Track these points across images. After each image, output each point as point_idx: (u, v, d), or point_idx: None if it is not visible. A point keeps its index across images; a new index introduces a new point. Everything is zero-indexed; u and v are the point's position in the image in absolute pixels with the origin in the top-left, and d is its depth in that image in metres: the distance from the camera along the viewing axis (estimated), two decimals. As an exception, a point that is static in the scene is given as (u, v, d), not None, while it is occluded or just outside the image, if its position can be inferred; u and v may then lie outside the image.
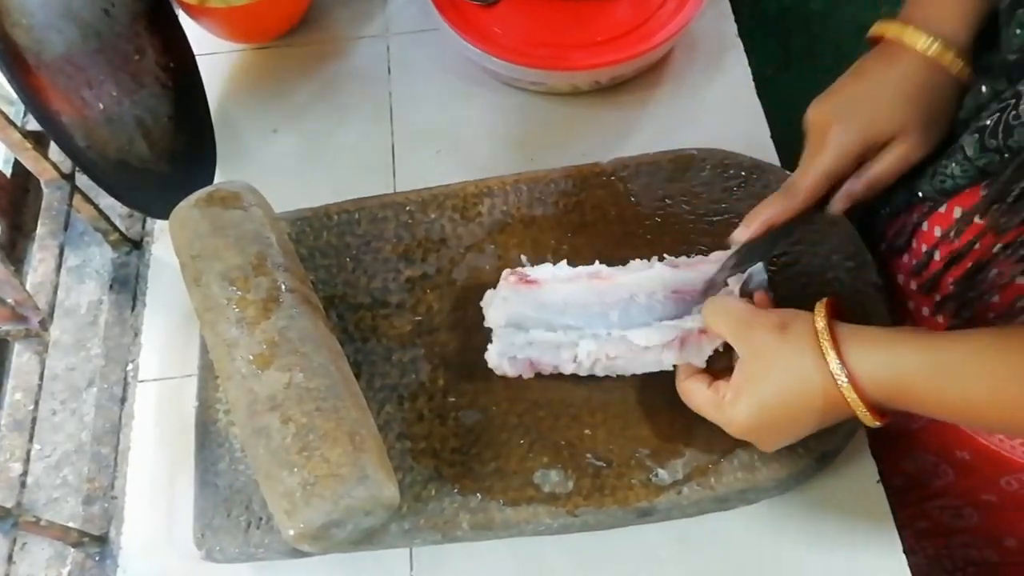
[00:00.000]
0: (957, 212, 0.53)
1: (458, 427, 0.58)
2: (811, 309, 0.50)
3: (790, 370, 0.47)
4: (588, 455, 0.56)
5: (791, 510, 0.57)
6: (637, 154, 0.69)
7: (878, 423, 0.47)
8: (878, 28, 0.54)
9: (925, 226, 0.56)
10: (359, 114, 0.78)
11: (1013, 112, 0.45)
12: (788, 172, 0.67)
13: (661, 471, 0.55)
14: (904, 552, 0.55)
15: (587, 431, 0.57)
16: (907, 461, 0.65)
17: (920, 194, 0.55)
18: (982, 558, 0.66)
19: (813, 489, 0.57)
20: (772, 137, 0.73)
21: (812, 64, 1.10)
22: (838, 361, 0.45)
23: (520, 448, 0.57)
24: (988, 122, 0.47)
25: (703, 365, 0.54)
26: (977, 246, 0.51)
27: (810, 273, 0.61)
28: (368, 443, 0.52)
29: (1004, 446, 0.56)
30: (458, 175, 0.70)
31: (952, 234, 0.53)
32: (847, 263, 0.61)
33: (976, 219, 0.51)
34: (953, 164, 0.51)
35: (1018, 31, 0.45)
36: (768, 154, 0.71)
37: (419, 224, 0.67)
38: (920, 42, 0.51)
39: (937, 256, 0.55)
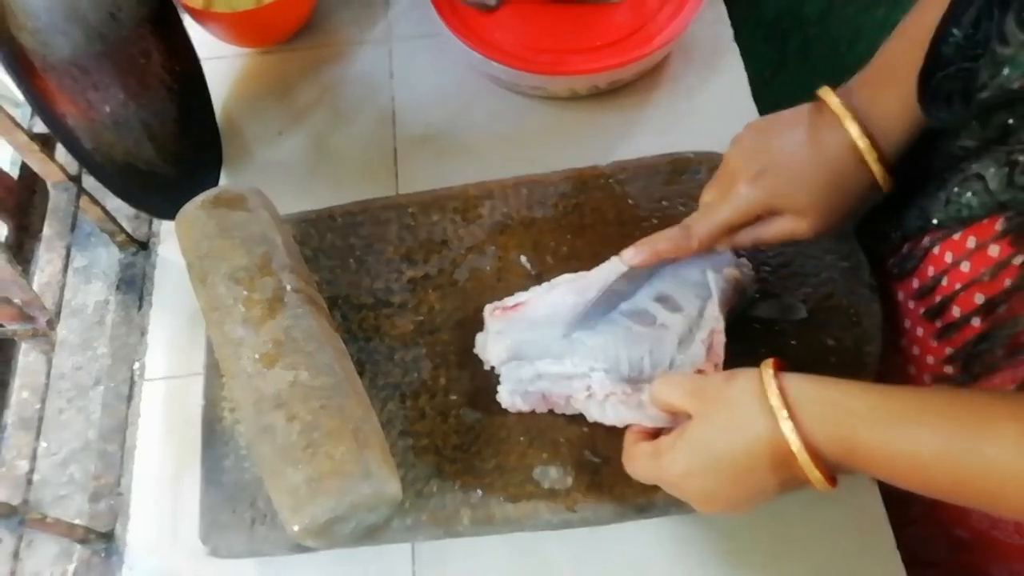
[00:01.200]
0: (971, 242, 0.51)
1: (459, 424, 0.59)
2: (811, 309, 0.51)
3: (735, 413, 0.45)
4: (587, 451, 0.57)
5: (790, 510, 0.58)
6: (635, 157, 0.70)
7: (829, 487, 0.44)
8: (825, 95, 0.53)
9: (936, 250, 0.54)
10: (362, 117, 0.79)
11: None
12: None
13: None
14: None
15: (585, 428, 0.58)
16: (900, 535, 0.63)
17: (935, 221, 0.53)
18: (929, 554, 0.65)
19: (812, 490, 0.58)
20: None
21: (808, 67, 1.11)
22: (778, 396, 0.43)
23: (520, 445, 0.58)
24: (1020, 158, 0.45)
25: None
26: (987, 278, 0.50)
27: (804, 274, 0.62)
28: (372, 440, 0.53)
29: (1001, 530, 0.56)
30: (459, 178, 0.70)
31: (965, 266, 0.51)
32: (841, 263, 0.62)
33: (991, 251, 0.49)
34: (970, 194, 0.49)
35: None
36: (764, 157, 0.72)
37: (421, 226, 0.68)
38: (854, 132, 0.51)
39: (945, 282, 0.54)
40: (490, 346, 0.59)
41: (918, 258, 0.56)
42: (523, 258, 0.65)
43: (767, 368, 0.45)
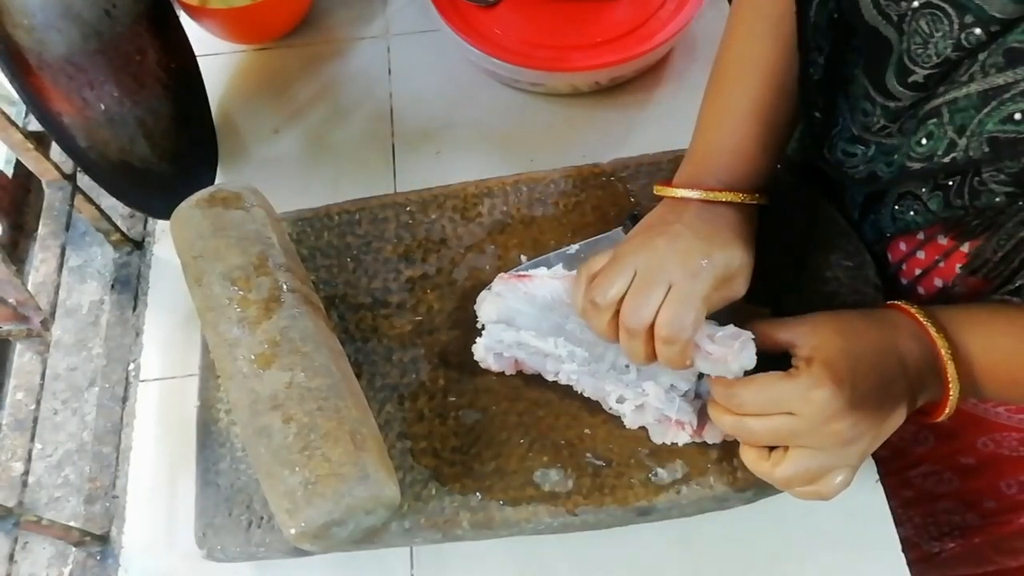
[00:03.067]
0: (921, 234, 0.54)
1: (458, 426, 0.59)
2: (810, 311, 0.50)
3: (871, 330, 0.48)
4: (588, 454, 0.57)
5: (791, 510, 0.57)
6: (637, 155, 0.69)
7: (955, 395, 0.48)
8: (659, 191, 0.57)
9: (894, 242, 0.58)
10: (360, 115, 0.79)
11: (976, 178, 0.45)
12: (785, 174, 0.67)
13: (660, 470, 0.55)
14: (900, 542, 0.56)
15: (587, 430, 0.57)
16: (910, 476, 0.66)
17: (888, 234, 0.57)
18: (964, 522, 0.67)
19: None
20: (771, 138, 0.73)
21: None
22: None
23: (520, 447, 0.57)
24: (950, 183, 0.48)
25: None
26: (942, 264, 0.53)
27: (808, 272, 0.62)
28: (369, 442, 0.53)
29: (978, 409, 0.58)
30: (458, 175, 0.70)
31: (921, 255, 0.55)
32: (845, 262, 0.61)
33: (939, 240, 0.53)
34: (912, 212, 0.52)
35: (924, 141, 0.46)
36: (767, 155, 0.71)
37: (419, 224, 0.67)
38: (695, 195, 0.54)
39: (905, 267, 0.57)
40: (485, 303, 0.59)
41: (881, 248, 0.59)
42: (523, 257, 0.65)
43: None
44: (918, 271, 0.55)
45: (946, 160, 0.44)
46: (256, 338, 0.55)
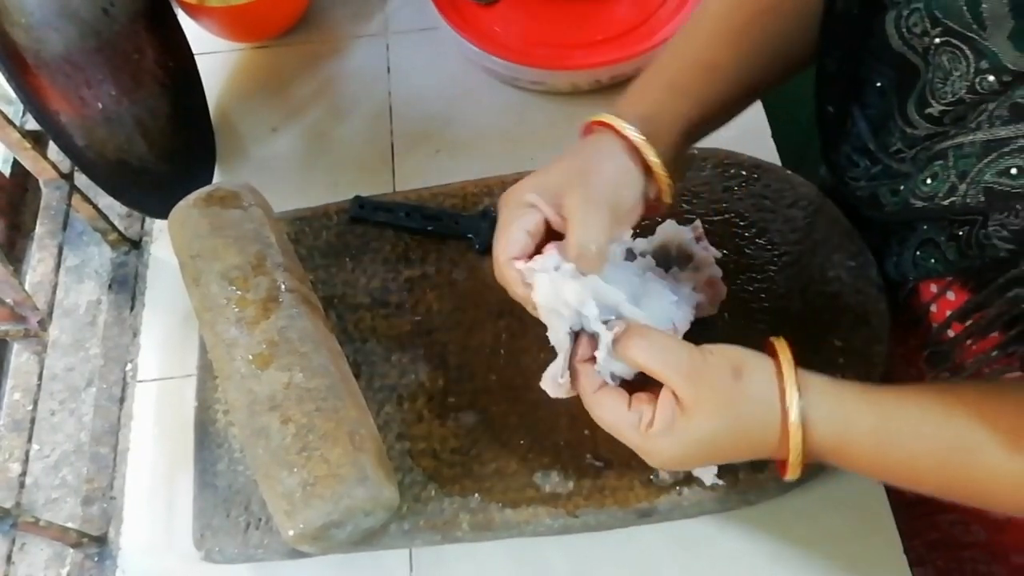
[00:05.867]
0: (934, 288, 0.55)
1: (458, 428, 0.58)
2: (812, 311, 0.50)
3: (743, 418, 0.44)
4: (588, 455, 0.56)
5: (792, 511, 0.57)
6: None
7: (795, 476, 0.45)
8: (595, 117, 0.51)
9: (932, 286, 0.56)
10: (358, 113, 0.78)
11: (982, 231, 0.46)
12: (788, 171, 0.67)
13: (661, 472, 0.55)
14: (911, 564, 0.55)
15: (587, 431, 0.57)
16: (938, 518, 0.65)
17: (911, 278, 0.56)
18: (990, 572, 0.66)
19: (813, 490, 0.57)
20: (773, 136, 0.73)
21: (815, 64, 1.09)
22: (798, 406, 0.43)
23: (520, 448, 0.57)
24: (960, 233, 0.48)
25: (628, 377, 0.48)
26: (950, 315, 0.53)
27: (811, 272, 0.61)
28: (368, 443, 0.52)
29: None
30: (458, 174, 0.70)
31: (951, 295, 0.54)
32: (848, 262, 0.61)
33: (949, 295, 0.53)
34: (933, 260, 0.52)
35: (929, 180, 0.46)
36: (769, 153, 0.71)
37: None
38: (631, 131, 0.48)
39: (935, 308, 0.56)
40: (566, 288, 0.46)
41: (904, 292, 0.59)
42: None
43: (786, 356, 0.45)
44: (948, 312, 0.54)
45: (945, 203, 0.45)
46: (254, 338, 0.54)
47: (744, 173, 0.66)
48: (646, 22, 0.76)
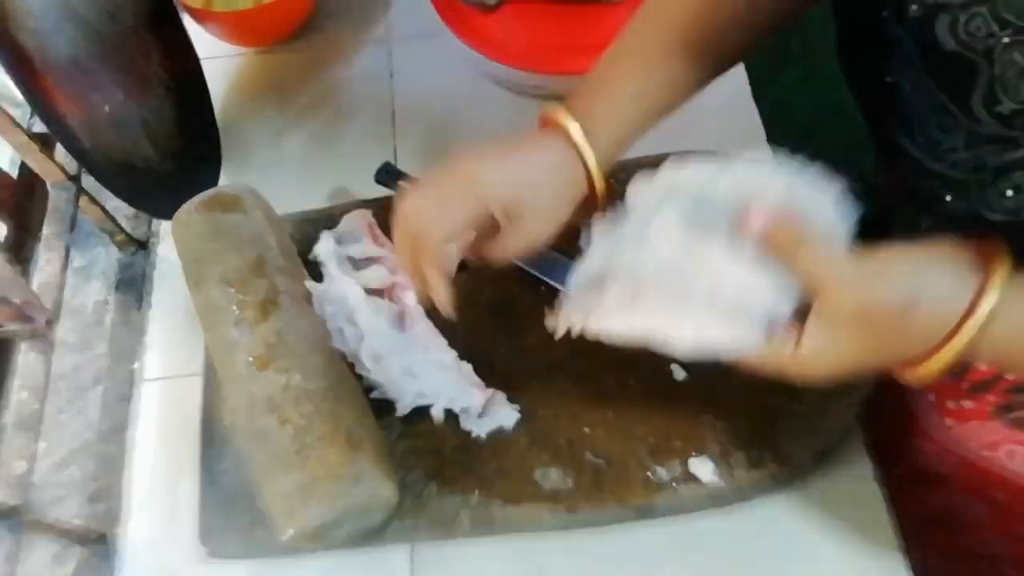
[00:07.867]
0: None
1: (458, 426, 0.59)
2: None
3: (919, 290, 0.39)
4: (588, 453, 0.57)
5: (789, 509, 0.57)
6: (635, 157, 0.69)
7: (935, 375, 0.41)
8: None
9: None
10: (362, 117, 0.79)
11: None
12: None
13: (660, 469, 0.56)
14: (908, 552, 0.55)
15: (586, 429, 0.57)
16: (934, 499, 0.63)
17: None
18: (993, 554, 0.65)
19: (811, 488, 0.57)
20: (768, 139, 0.74)
21: (807, 67, 1.10)
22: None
23: (520, 446, 0.58)
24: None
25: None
26: None
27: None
28: (366, 444, 0.53)
29: None
30: (460, 177, 0.70)
31: None
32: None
33: None
34: None
35: (1009, 192, 0.43)
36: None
37: (421, 225, 0.67)
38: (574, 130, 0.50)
39: None
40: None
41: None
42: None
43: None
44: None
45: None
46: (253, 340, 0.55)
47: (742, 176, 0.67)
48: (646, 27, 0.76)
